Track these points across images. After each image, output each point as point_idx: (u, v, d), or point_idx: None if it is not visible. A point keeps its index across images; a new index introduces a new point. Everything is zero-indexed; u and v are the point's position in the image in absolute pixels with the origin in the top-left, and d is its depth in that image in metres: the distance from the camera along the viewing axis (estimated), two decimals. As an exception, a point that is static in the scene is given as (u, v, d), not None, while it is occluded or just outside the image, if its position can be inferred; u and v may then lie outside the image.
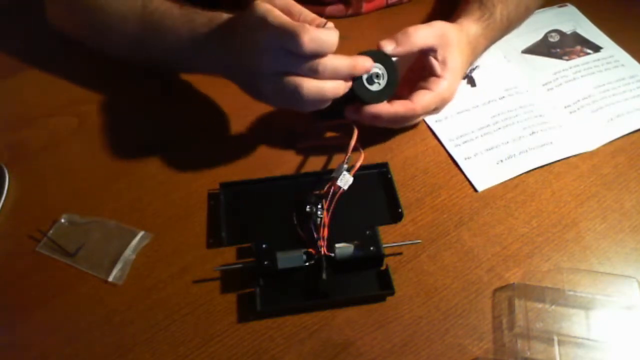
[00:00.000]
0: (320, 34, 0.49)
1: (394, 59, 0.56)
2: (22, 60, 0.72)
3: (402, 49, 0.57)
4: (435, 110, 0.61)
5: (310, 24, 0.51)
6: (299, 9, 0.54)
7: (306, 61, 0.50)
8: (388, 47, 0.56)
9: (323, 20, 0.53)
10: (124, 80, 0.68)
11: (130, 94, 0.67)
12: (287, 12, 0.52)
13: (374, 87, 0.55)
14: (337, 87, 0.52)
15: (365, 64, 0.53)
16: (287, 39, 0.49)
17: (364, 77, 0.55)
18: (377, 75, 0.55)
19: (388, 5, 0.79)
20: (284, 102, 0.54)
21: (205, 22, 0.57)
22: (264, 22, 0.50)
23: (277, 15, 0.50)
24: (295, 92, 0.51)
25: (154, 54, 0.63)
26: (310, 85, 0.50)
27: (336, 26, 0.52)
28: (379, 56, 0.55)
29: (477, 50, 0.66)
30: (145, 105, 0.66)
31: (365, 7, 0.77)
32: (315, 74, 0.50)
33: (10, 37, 0.75)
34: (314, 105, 0.53)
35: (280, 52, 0.50)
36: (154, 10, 0.61)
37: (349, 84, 0.53)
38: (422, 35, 0.58)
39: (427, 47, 0.58)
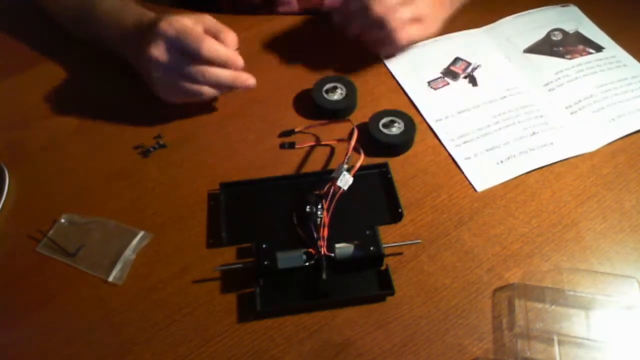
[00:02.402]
0: (219, 48, 0.59)
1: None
2: (22, 61, 0.72)
3: None
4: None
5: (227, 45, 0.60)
6: (226, 33, 0.61)
7: (193, 66, 0.59)
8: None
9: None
10: (124, 80, 0.68)
11: (130, 94, 0.67)
12: (213, 32, 0.60)
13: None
14: (212, 93, 0.61)
15: (248, 80, 0.61)
16: (190, 39, 0.57)
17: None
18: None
19: None
20: (172, 95, 0.62)
21: (134, 20, 0.64)
22: (174, 22, 0.58)
23: (186, 21, 0.58)
24: (180, 89, 0.60)
25: (86, 32, 0.70)
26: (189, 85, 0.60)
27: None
28: None
29: None
30: (145, 105, 0.66)
31: None
32: (198, 79, 0.59)
33: (11, 37, 0.75)
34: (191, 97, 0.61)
35: (172, 49, 0.58)
36: None
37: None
38: None
39: None
